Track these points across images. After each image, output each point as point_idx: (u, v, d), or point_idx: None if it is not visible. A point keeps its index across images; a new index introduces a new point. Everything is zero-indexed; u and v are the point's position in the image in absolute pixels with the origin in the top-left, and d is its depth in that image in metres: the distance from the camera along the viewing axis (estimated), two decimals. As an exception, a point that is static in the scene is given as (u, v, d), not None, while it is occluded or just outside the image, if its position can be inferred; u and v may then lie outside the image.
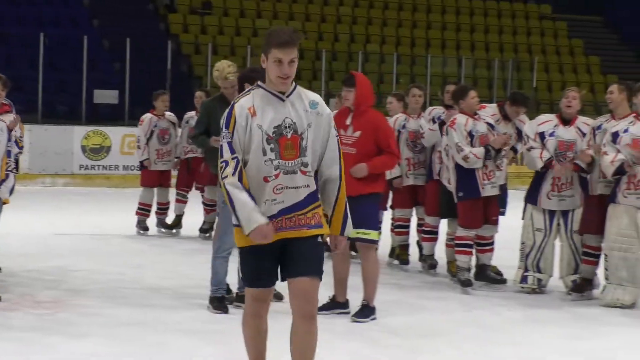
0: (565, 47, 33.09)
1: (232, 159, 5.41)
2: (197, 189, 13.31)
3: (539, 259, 9.69)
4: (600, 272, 9.49)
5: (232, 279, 8.62)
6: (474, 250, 10.10)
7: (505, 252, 10.30)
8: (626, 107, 9.36)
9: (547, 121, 9.78)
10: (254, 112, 5.46)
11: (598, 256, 9.52)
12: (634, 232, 8.99)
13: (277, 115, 5.47)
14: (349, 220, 5.66)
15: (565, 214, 9.62)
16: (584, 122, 9.68)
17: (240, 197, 5.38)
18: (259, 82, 5.60)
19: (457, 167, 9.73)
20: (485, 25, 32.78)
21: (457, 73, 28.08)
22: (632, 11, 34.00)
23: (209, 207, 12.66)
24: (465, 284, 9.77)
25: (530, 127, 9.84)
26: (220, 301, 8.47)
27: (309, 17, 30.87)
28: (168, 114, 13.40)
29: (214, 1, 30.22)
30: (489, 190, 9.76)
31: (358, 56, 27.51)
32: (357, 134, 8.34)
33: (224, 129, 5.48)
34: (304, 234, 5.48)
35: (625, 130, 9.07)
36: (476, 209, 9.75)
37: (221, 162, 5.44)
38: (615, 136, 9.10)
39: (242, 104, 5.51)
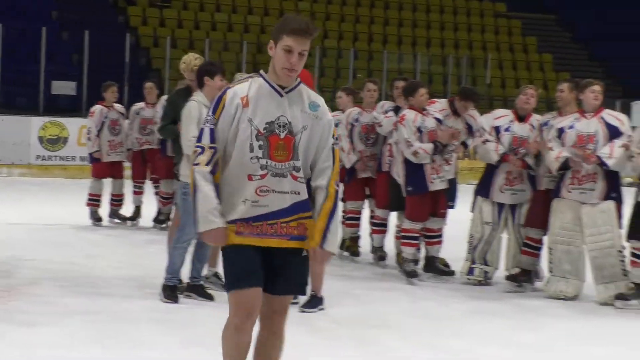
0: (519, 44, 33.29)
1: (210, 148, 4.95)
2: (151, 179, 13.32)
3: (486, 252, 9.79)
4: (544, 264, 9.62)
5: (185, 270, 8.64)
6: (423, 243, 10.23)
7: (454, 245, 10.37)
8: (574, 105, 9.50)
9: (503, 116, 9.89)
10: (246, 102, 4.96)
11: (538, 248, 9.64)
12: (577, 226, 9.12)
13: (271, 111, 4.96)
14: (333, 235, 5.04)
15: (513, 207, 9.74)
16: (537, 120, 9.81)
17: (205, 190, 4.91)
18: (261, 71, 5.09)
19: (406, 161, 9.82)
20: (441, 22, 32.92)
21: (412, 69, 28.20)
22: (585, 11, 34.27)
23: (165, 199, 12.67)
24: (410, 275, 9.86)
25: (486, 120, 9.94)
26: (172, 290, 8.49)
27: (268, 12, 30.85)
28: (117, 105, 13.39)
29: (173, -6, 30.19)
30: (437, 184, 9.86)
31: (315, 51, 27.51)
32: None
33: (210, 113, 5.01)
34: (284, 245, 4.98)
35: (571, 127, 9.19)
36: (423, 202, 9.86)
37: (197, 147, 4.99)
38: (560, 132, 9.23)
39: (236, 92, 5.00)
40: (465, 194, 10.81)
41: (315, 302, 8.31)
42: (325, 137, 5.06)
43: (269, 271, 5.01)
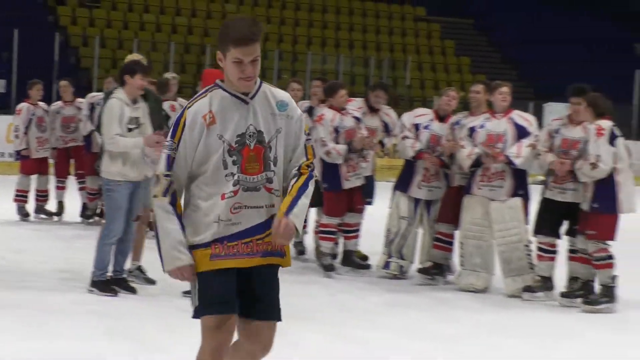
0: (438, 47, 33.61)
1: (165, 176, 4.42)
2: (76, 175, 13.23)
3: (402, 246, 9.87)
4: (456, 258, 9.75)
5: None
6: (341, 238, 10.31)
7: (371, 240, 10.45)
8: (485, 106, 9.66)
9: (423, 114, 10.02)
10: (212, 119, 4.40)
11: (449, 243, 9.75)
12: (487, 221, 9.25)
13: (240, 122, 4.42)
14: (300, 210, 4.44)
15: (428, 203, 9.85)
16: None
17: (166, 225, 4.43)
18: (218, 81, 4.51)
19: (322, 159, 9.89)
20: (364, 25, 33.09)
21: (335, 70, 28.31)
22: (501, 16, 34.71)
23: (92, 195, 12.59)
24: (328, 268, 9.93)
25: (407, 117, 10.04)
26: (107, 284, 8.46)
27: (195, 13, 30.76)
28: (41, 103, 13.28)
29: (103, -5, 29.98)
30: (353, 181, 9.94)
31: (242, 52, 27.46)
32: None
33: (168, 138, 4.45)
34: (260, 262, 4.48)
35: (482, 126, 9.34)
36: (339, 199, 9.94)
37: (156, 174, 4.50)
38: (472, 131, 9.37)
39: (197, 111, 4.43)
40: (383, 191, 10.88)
41: None
42: (298, 135, 4.57)
43: (246, 292, 4.52)
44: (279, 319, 4.62)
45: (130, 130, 8.28)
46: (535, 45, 33.57)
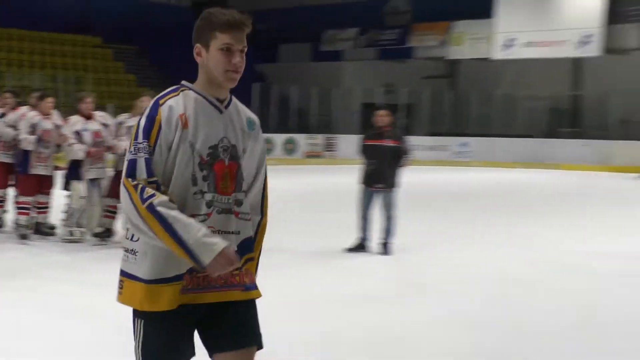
0: (112, 67, 33.47)
1: (151, 182, 2.89)
2: None
3: (82, 218, 9.79)
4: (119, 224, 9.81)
5: None
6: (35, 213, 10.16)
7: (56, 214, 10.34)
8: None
9: (76, 122, 9.68)
10: (185, 122, 2.95)
11: (115, 212, 9.70)
12: None
13: (213, 132, 3.00)
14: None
15: (96, 181, 9.78)
16: (101, 116, 9.94)
17: (181, 217, 2.85)
18: (185, 83, 3.06)
19: (24, 150, 9.81)
20: (52, 50, 32.35)
21: (31, 85, 27.56)
22: (157, 42, 35.06)
23: None
24: (23, 237, 9.91)
25: (67, 128, 9.68)
26: None
27: None
28: None
29: None
30: (40, 170, 9.88)
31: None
32: None
33: (140, 138, 2.90)
34: (238, 297, 3.05)
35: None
36: (30, 182, 9.89)
37: (133, 183, 2.87)
38: (129, 129, 9.58)
39: (172, 107, 2.94)
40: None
41: None
42: (262, 164, 3.17)
43: (214, 325, 3.05)
44: (255, 344, 3.10)
45: None
46: (188, 65, 34.22)
